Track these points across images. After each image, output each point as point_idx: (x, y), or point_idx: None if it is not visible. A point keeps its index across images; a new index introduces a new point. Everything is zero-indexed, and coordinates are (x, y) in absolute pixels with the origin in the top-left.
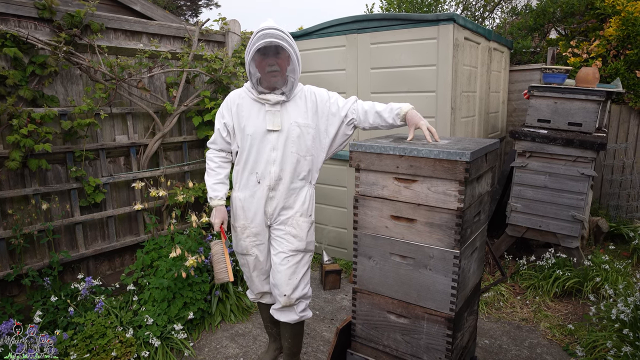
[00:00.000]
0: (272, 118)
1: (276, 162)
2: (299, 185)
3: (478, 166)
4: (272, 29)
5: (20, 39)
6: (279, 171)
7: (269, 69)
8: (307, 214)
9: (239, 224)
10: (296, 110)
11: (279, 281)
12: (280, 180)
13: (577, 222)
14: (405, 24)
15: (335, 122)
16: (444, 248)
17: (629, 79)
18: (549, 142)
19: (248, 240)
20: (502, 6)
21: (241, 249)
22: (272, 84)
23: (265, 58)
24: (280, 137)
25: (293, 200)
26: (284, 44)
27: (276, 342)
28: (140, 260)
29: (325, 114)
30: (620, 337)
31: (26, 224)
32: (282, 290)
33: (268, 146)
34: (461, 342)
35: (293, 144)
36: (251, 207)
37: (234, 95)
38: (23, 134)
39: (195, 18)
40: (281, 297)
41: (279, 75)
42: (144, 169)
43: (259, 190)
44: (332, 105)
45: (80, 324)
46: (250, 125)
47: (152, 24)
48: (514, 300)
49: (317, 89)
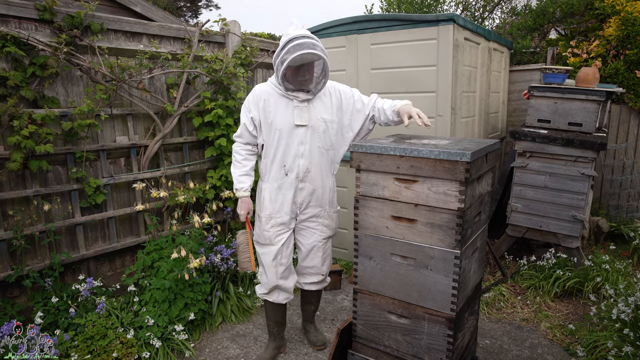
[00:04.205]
0: (300, 113)
1: (304, 156)
2: (325, 176)
3: (478, 166)
4: (306, 39)
5: (21, 40)
6: (308, 164)
7: (301, 79)
8: (335, 205)
9: (264, 214)
10: (322, 106)
11: (316, 264)
12: (309, 172)
13: (578, 222)
14: (405, 25)
15: (360, 118)
16: (444, 248)
17: (629, 79)
18: (549, 142)
19: (272, 230)
20: (501, 6)
21: (264, 239)
22: (300, 87)
23: (299, 69)
24: (307, 131)
25: (321, 192)
26: (322, 55)
27: (276, 340)
28: (141, 261)
29: (349, 110)
30: (621, 337)
31: (27, 225)
32: (319, 271)
33: (296, 140)
34: (462, 342)
35: (319, 139)
36: (278, 198)
37: (259, 90)
38: (24, 135)
39: (195, 19)
40: (318, 276)
41: (309, 83)
42: (145, 169)
43: (287, 182)
44: (356, 102)
45: (81, 324)
46: (278, 120)
47: (152, 25)
48: (515, 301)
49: (340, 85)
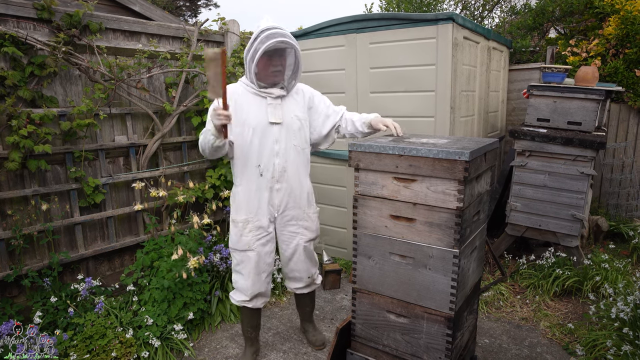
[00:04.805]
0: (274, 111)
1: (279, 154)
2: (302, 176)
3: (477, 165)
4: (277, 29)
5: (19, 39)
6: (284, 163)
7: (274, 70)
8: (313, 206)
9: (240, 218)
10: (295, 104)
11: (301, 267)
12: (285, 171)
13: (577, 221)
14: (405, 24)
15: (329, 125)
16: (443, 247)
17: (628, 77)
18: (548, 141)
19: (251, 234)
20: (501, 5)
21: (242, 246)
22: (274, 81)
23: (271, 59)
24: (282, 129)
25: (299, 192)
26: (294, 45)
27: (254, 345)
28: (140, 261)
29: (320, 114)
30: (620, 336)
31: (26, 224)
32: (305, 274)
33: (271, 138)
34: (461, 341)
35: (295, 137)
36: (254, 200)
37: (231, 89)
38: (22, 134)
39: (195, 18)
40: (305, 279)
41: (281, 74)
42: (144, 169)
43: (262, 183)
44: (327, 108)
45: (80, 324)
46: (251, 118)
47: (151, 24)
48: (514, 300)
49: (312, 88)
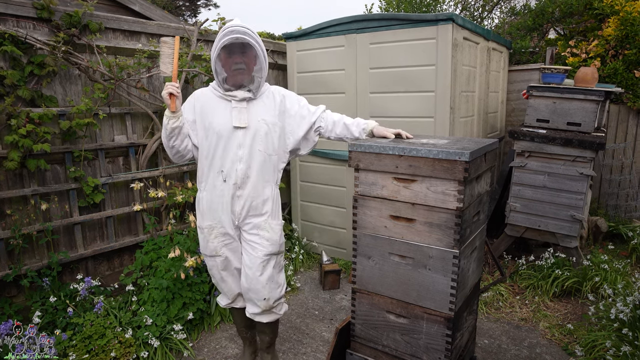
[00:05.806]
0: (239, 115)
1: (243, 160)
2: (266, 184)
3: (477, 166)
4: (238, 27)
5: (19, 39)
6: (246, 169)
7: (235, 67)
8: (278, 216)
9: (206, 225)
10: (263, 108)
11: (256, 286)
12: (248, 178)
13: (576, 221)
14: (404, 24)
15: (304, 125)
16: (443, 248)
17: (628, 78)
18: (547, 142)
19: (217, 240)
20: (500, 6)
21: (210, 251)
22: (238, 81)
23: (231, 56)
24: (247, 134)
25: (262, 201)
26: (251, 41)
27: (252, 345)
28: (139, 261)
29: (293, 116)
30: (619, 337)
31: (25, 224)
32: (260, 295)
33: (235, 144)
34: (460, 342)
35: (261, 142)
36: (218, 207)
37: (198, 93)
38: (22, 134)
39: (194, 18)
40: (260, 302)
41: (245, 73)
42: (143, 169)
43: (226, 189)
44: (302, 108)
45: (79, 324)
46: (216, 122)
47: (151, 24)
48: (513, 300)
49: (286, 91)
